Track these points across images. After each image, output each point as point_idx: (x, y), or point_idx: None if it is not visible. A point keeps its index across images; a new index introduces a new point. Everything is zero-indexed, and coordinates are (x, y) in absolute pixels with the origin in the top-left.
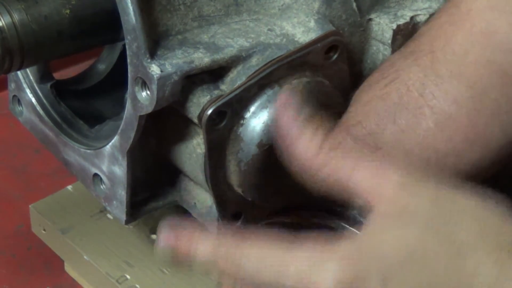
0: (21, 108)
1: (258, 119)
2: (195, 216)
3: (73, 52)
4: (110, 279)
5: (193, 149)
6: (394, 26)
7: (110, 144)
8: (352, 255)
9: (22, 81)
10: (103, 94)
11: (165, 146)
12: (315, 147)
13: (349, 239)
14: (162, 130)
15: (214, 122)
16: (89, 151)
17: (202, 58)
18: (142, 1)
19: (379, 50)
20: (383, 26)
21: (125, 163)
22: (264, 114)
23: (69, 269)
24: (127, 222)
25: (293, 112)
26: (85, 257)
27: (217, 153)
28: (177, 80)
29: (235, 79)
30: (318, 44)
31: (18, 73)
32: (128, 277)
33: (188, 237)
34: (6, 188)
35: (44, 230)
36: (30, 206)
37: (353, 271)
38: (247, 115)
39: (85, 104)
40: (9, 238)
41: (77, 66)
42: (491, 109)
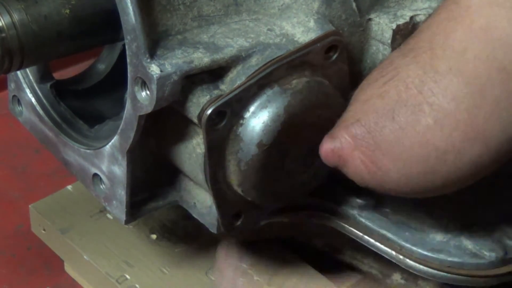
0: (20, 108)
1: (258, 119)
2: (195, 216)
3: (73, 52)
4: (110, 279)
5: (192, 149)
6: (394, 26)
7: (110, 144)
8: None
9: (22, 81)
10: (103, 94)
11: (164, 146)
12: None
13: None
14: (162, 130)
15: (213, 122)
16: (88, 151)
17: (201, 58)
18: (142, 1)
19: (379, 50)
20: (383, 26)
21: (125, 163)
22: (264, 114)
23: (69, 269)
24: (127, 222)
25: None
26: (85, 257)
27: (216, 153)
28: (176, 80)
29: (235, 79)
30: (318, 44)
31: (18, 73)
32: (128, 277)
33: None
34: (6, 188)
35: (44, 230)
36: (30, 206)
37: None
38: (247, 115)
39: (85, 104)
40: (9, 238)
41: (77, 66)
42: (491, 105)
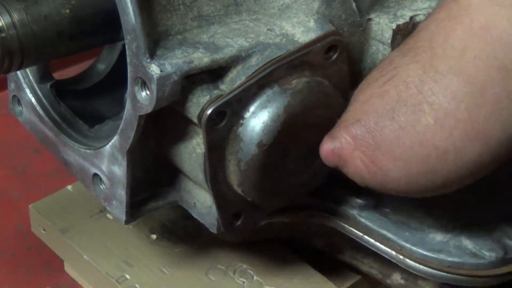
0: (20, 108)
1: (258, 119)
2: (195, 216)
3: (73, 52)
4: (110, 279)
5: (192, 149)
6: (394, 26)
7: (110, 144)
8: None
9: (22, 81)
10: (103, 94)
11: (164, 146)
12: None
13: None
14: (161, 130)
15: (213, 122)
16: (88, 151)
17: (201, 58)
18: (141, 1)
19: (379, 50)
20: (383, 26)
21: (124, 163)
22: (263, 114)
23: (69, 269)
24: (127, 222)
25: None
26: (85, 257)
27: (216, 153)
28: (176, 80)
29: (235, 79)
30: (318, 44)
31: (18, 73)
32: (128, 277)
33: None
34: (6, 188)
35: (44, 230)
36: (30, 206)
37: None
38: (247, 115)
39: (84, 104)
40: (9, 238)
41: (77, 66)
42: (491, 104)
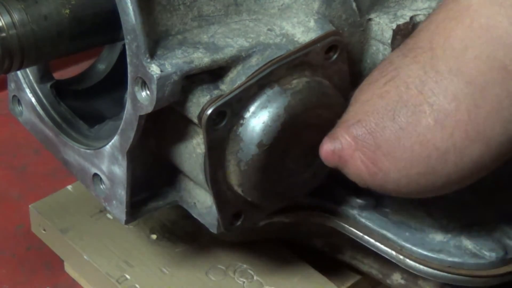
0: (21, 108)
1: (258, 119)
2: (195, 216)
3: (73, 52)
4: (110, 279)
5: (193, 149)
6: (394, 26)
7: (110, 144)
8: None
9: (22, 81)
10: (103, 94)
11: (164, 146)
12: None
13: None
14: (162, 130)
15: (214, 122)
16: (89, 151)
17: (202, 58)
18: (141, 1)
19: (379, 50)
20: (383, 26)
21: (125, 163)
22: (264, 114)
23: (69, 269)
24: (127, 222)
25: None
26: (85, 257)
27: (217, 153)
28: (177, 80)
29: (235, 79)
30: (318, 44)
31: (18, 73)
32: (128, 277)
33: None
34: (6, 188)
35: (44, 230)
36: (30, 206)
37: None
38: (247, 115)
39: (85, 104)
40: (9, 238)
41: (77, 66)
42: (492, 105)
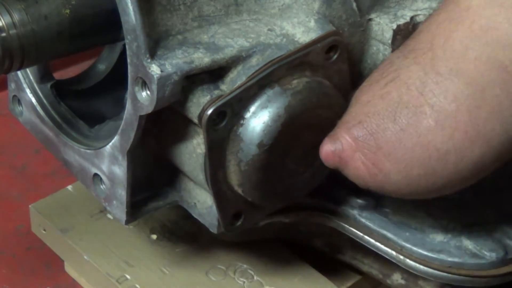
0: (21, 108)
1: (258, 119)
2: (195, 216)
3: (73, 52)
4: (110, 279)
5: (193, 149)
6: (394, 26)
7: (110, 144)
8: None
9: (22, 81)
10: (103, 94)
11: (165, 146)
12: None
13: None
14: (162, 130)
15: (214, 122)
16: (89, 151)
17: (202, 58)
18: (142, 1)
19: (379, 50)
20: (383, 26)
21: (125, 163)
22: (264, 114)
23: (69, 269)
24: (127, 222)
25: None
26: (85, 257)
27: (217, 153)
28: (177, 80)
29: (235, 79)
30: (318, 44)
31: (18, 73)
32: (128, 277)
33: None
34: (6, 188)
35: (44, 230)
36: (30, 206)
37: None
38: (247, 115)
39: (85, 104)
40: (9, 238)
41: (77, 66)
42: (492, 106)
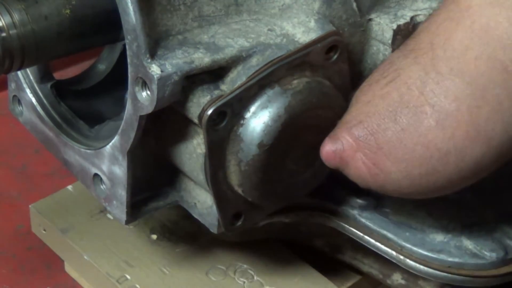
0: (21, 108)
1: (258, 119)
2: (196, 216)
3: (73, 52)
4: (110, 279)
5: (193, 149)
6: (394, 26)
7: (110, 144)
8: None
9: (22, 81)
10: (103, 94)
11: (165, 146)
12: None
13: None
14: (162, 130)
15: (214, 122)
16: (89, 151)
17: (202, 58)
18: (142, 1)
19: (379, 50)
20: (383, 26)
21: (125, 163)
22: (264, 114)
23: (69, 269)
24: (127, 222)
25: None
26: (85, 257)
27: (217, 153)
28: (177, 80)
29: (235, 79)
30: (318, 44)
31: (18, 73)
32: (128, 277)
33: None
34: (6, 188)
35: (44, 230)
36: (30, 206)
37: None
38: (247, 115)
39: (85, 104)
40: (9, 238)
41: (77, 66)
42: (492, 105)
